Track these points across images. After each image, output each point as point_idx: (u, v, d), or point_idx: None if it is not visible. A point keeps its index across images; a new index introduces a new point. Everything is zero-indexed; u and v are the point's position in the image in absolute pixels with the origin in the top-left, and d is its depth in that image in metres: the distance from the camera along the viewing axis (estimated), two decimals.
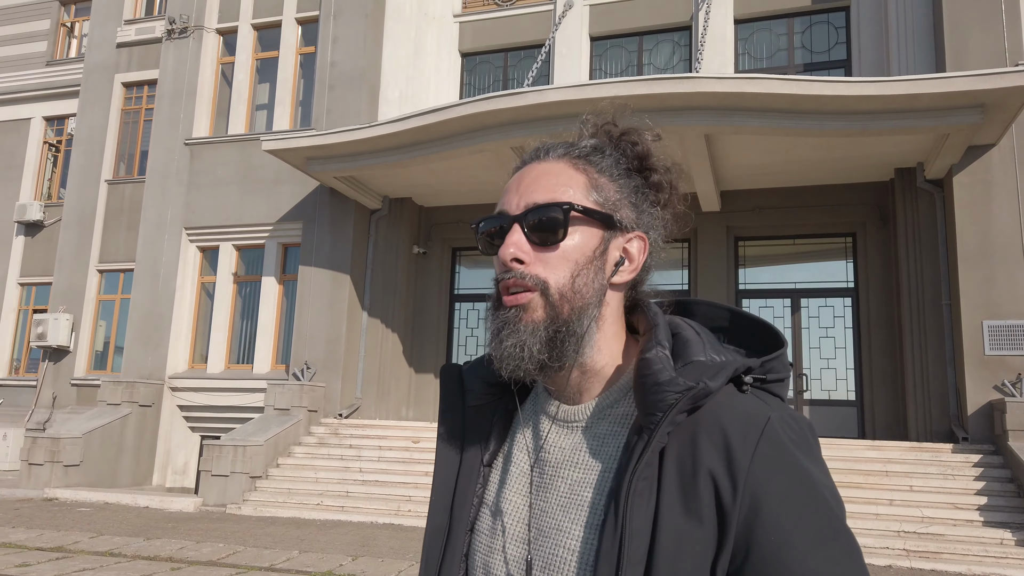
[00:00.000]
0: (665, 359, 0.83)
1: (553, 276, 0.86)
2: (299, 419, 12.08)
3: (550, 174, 0.90)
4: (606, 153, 0.92)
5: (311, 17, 14.49)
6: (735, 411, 0.81)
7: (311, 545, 8.19)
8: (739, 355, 0.87)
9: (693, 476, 0.78)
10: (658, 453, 0.80)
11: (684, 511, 0.77)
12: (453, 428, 0.98)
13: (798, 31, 13.39)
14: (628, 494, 0.78)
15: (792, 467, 0.78)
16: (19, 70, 18.70)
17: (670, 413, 0.79)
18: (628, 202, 0.91)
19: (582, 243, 0.87)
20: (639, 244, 0.91)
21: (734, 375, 0.83)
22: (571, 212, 0.86)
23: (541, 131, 10.49)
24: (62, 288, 15.69)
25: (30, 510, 10.28)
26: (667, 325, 0.89)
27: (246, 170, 14.12)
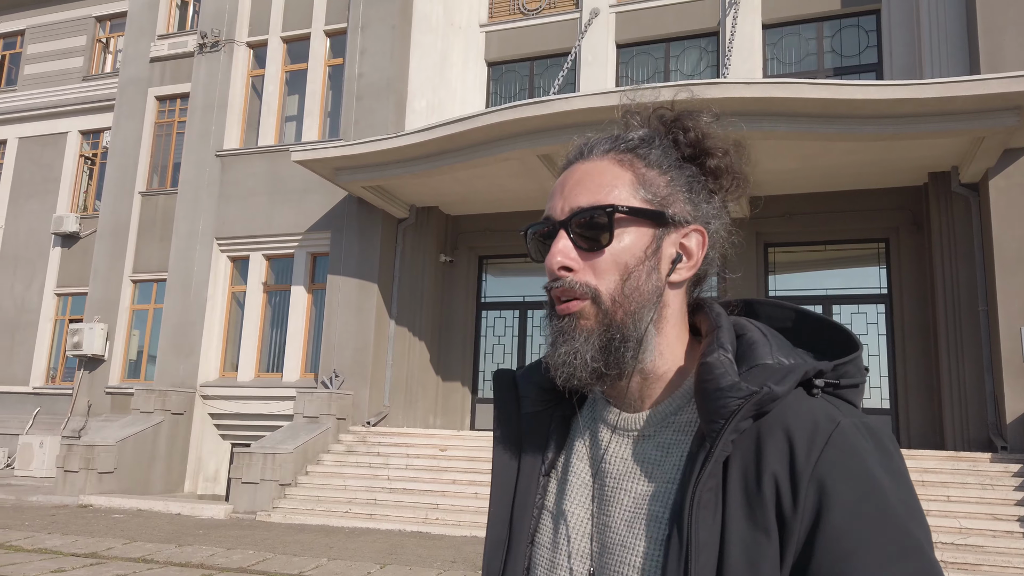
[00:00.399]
0: (727, 363, 0.78)
1: (603, 282, 0.82)
2: (328, 427, 12.15)
3: (593, 173, 0.85)
4: (655, 143, 0.87)
5: (339, 29, 14.66)
6: (802, 415, 0.75)
7: (340, 553, 8.21)
8: (809, 358, 0.81)
9: (757, 484, 0.74)
10: (723, 462, 0.76)
11: (750, 522, 0.73)
12: (509, 436, 0.94)
13: (827, 35, 13.24)
14: (692, 507, 0.74)
15: (861, 476, 0.72)
16: (57, 85, 19.17)
17: (732, 420, 0.75)
18: (681, 194, 0.86)
19: (632, 244, 0.83)
20: (697, 238, 0.85)
21: (804, 379, 0.77)
22: (615, 214, 0.82)
23: (567, 139, 10.35)
24: (97, 298, 15.99)
25: (65, 516, 10.45)
26: (731, 326, 0.85)
27: (276, 181, 14.29)
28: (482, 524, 9.83)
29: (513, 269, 14.41)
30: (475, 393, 14.03)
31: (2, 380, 17.95)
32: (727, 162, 0.88)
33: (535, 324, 14.00)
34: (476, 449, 11.57)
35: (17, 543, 8.22)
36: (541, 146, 10.73)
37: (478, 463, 11.18)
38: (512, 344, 14.05)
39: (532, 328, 14.01)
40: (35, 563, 7.23)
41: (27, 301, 18.14)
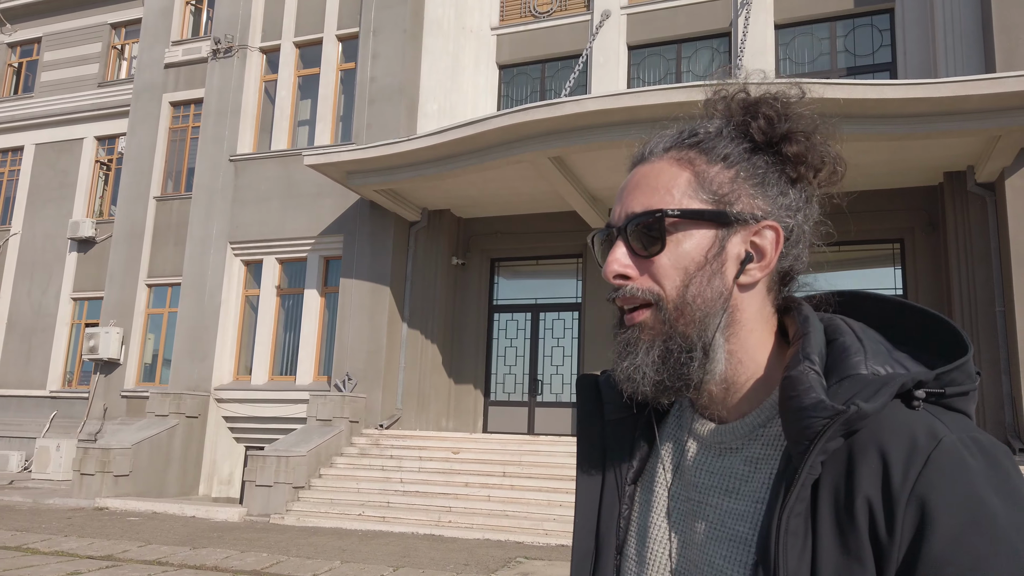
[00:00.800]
0: (812, 377, 0.72)
1: (665, 287, 0.78)
2: (341, 430, 12.18)
3: (650, 176, 0.81)
4: (723, 134, 0.82)
5: (351, 34, 14.73)
6: (898, 432, 0.69)
7: (353, 555, 8.23)
8: (911, 363, 0.74)
9: (849, 510, 0.68)
10: (812, 484, 0.70)
11: (842, 550, 0.67)
12: (592, 444, 0.90)
13: (841, 35, 13.16)
14: (779, 533, 0.69)
15: (967, 499, 0.65)
16: (73, 92, 19.36)
17: (819, 441, 0.69)
18: (750, 188, 0.79)
19: (691, 248, 0.78)
20: (771, 235, 0.79)
21: (900, 391, 0.70)
22: (666, 220, 0.78)
23: (579, 141, 10.47)
24: (113, 302, 16.13)
25: (81, 519, 10.54)
26: (820, 331, 0.78)
27: (288, 185, 14.37)
28: (495, 527, 9.82)
29: (525, 272, 14.40)
30: (487, 396, 14.03)
31: (20, 384, 18.13)
32: (807, 147, 0.81)
33: (547, 327, 13.99)
34: (489, 452, 11.56)
35: (34, 546, 8.29)
36: (553, 148, 10.72)
37: (490, 466, 11.18)
38: (524, 347, 14.04)
39: (544, 331, 13.99)
40: (52, 565, 7.29)
41: (44, 306, 18.32)
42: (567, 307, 13.87)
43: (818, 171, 0.82)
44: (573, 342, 13.70)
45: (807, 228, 0.83)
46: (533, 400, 13.74)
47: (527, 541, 9.46)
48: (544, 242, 13.80)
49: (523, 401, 13.81)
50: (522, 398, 13.84)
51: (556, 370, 13.77)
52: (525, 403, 13.78)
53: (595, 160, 11.08)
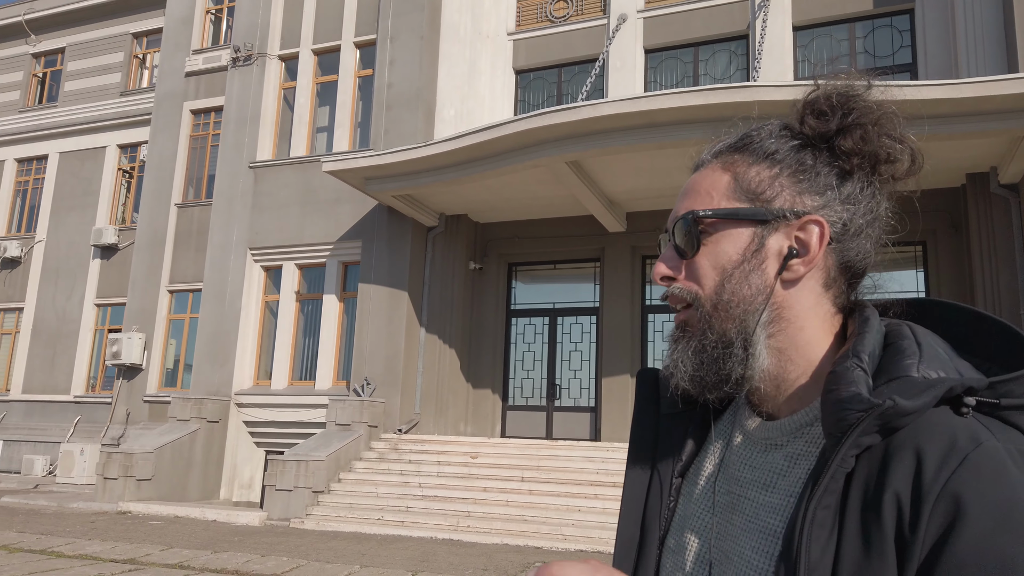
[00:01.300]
0: (856, 373, 0.71)
1: (702, 288, 0.80)
2: (360, 434, 12.23)
3: (697, 181, 0.84)
4: (772, 134, 0.83)
5: (368, 41, 14.83)
6: (939, 432, 0.67)
7: (372, 560, 8.25)
8: (969, 371, 0.72)
9: (877, 504, 0.67)
10: (843, 479, 0.70)
11: (865, 544, 0.67)
12: (645, 436, 0.92)
13: (860, 36, 13.06)
14: (804, 524, 0.69)
15: (1001, 501, 0.62)
16: (96, 101, 19.65)
17: (851, 434, 0.68)
18: (793, 184, 0.80)
19: (729, 247, 0.80)
20: (816, 230, 0.78)
21: (948, 395, 0.69)
22: (699, 221, 0.80)
23: (595, 145, 10.47)
24: (135, 308, 16.32)
25: (105, 523, 10.66)
26: (878, 332, 0.78)
27: (307, 191, 14.48)
28: (513, 532, 9.82)
29: (543, 276, 14.40)
30: (505, 400, 14.03)
31: (44, 389, 18.40)
32: (864, 139, 0.80)
33: (565, 331, 13.98)
34: (507, 456, 11.56)
35: (59, 549, 8.40)
36: (569, 153, 10.72)
37: (509, 470, 11.17)
38: (542, 351, 14.03)
39: (562, 335, 13.98)
40: (76, 568, 7.38)
41: (68, 312, 18.58)
42: (585, 311, 13.85)
43: (878, 163, 0.81)
44: (591, 346, 13.66)
45: (867, 221, 0.81)
46: (551, 405, 13.72)
47: (546, 546, 9.44)
48: (562, 246, 13.80)
49: (541, 406, 13.80)
50: (540, 403, 13.83)
51: (574, 374, 13.74)
52: (543, 408, 13.77)
53: (612, 164, 11.08)
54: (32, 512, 11.61)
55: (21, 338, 18.99)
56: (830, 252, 0.80)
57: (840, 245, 0.80)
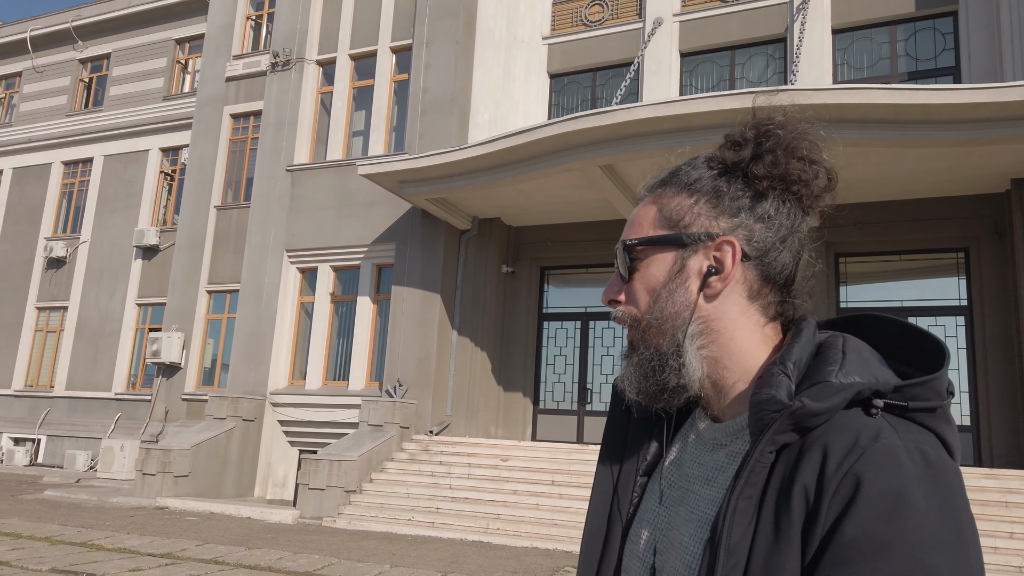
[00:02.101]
0: (778, 379, 0.80)
1: (637, 307, 0.90)
2: (392, 435, 12.33)
3: (633, 215, 0.94)
4: (696, 166, 0.92)
5: (404, 46, 14.98)
6: (845, 431, 0.75)
7: (402, 560, 8.31)
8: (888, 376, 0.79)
9: (787, 495, 0.75)
10: (764, 472, 0.78)
11: (776, 531, 0.74)
12: (615, 439, 1.01)
13: (901, 39, 12.83)
14: (727, 512, 0.77)
15: (888, 492, 0.70)
16: (139, 105, 20.14)
17: (767, 433, 0.77)
18: (709, 209, 0.88)
19: (656, 270, 0.89)
20: (729, 249, 0.86)
21: (858, 398, 0.77)
22: (630, 249, 0.91)
23: (629, 149, 10.43)
24: (175, 308, 16.66)
25: (143, 517, 10.89)
26: (811, 342, 0.84)
27: (343, 194, 14.65)
28: (543, 536, 9.81)
29: (575, 280, 14.38)
30: (536, 404, 14.03)
31: (87, 386, 18.86)
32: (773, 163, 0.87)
33: (597, 335, 13.93)
34: (537, 460, 11.55)
35: (98, 542, 8.60)
36: (603, 157, 10.70)
37: (539, 474, 11.16)
38: (574, 355, 14.00)
39: (594, 339, 13.94)
40: (115, 561, 7.55)
41: (111, 311, 19.04)
42: None
43: (790, 184, 0.87)
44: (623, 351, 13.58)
45: (781, 237, 0.88)
46: (582, 409, 13.68)
47: (575, 550, 9.41)
48: (594, 250, 13.76)
49: (572, 410, 13.77)
50: (571, 407, 13.80)
51: (606, 379, 13.69)
52: (574, 412, 13.74)
53: (646, 168, 10.89)
54: (74, 506, 11.91)
55: (65, 336, 19.51)
56: (749, 267, 0.88)
57: (758, 260, 0.87)
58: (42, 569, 7.03)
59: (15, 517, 10.18)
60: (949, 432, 0.78)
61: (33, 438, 19.09)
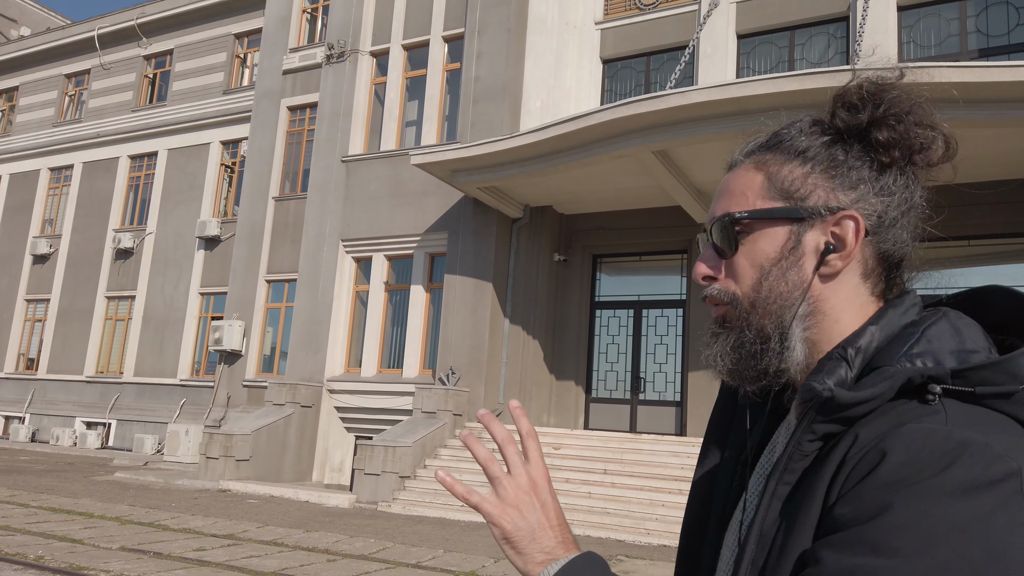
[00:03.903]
0: (832, 363, 0.75)
1: (741, 286, 0.83)
2: (445, 422, 12.45)
3: (730, 183, 0.86)
4: (803, 131, 0.83)
5: (456, 35, 14.99)
6: (888, 418, 0.69)
7: (455, 545, 8.39)
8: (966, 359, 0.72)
9: (815, 484, 0.71)
10: (805, 461, 0.74)
11: (793, 516, 0.72)
12: (720, 423, 0.97)
13: (971, 14, 12.27)
14: (765, 495, 0.75)
15: (906, 466, 0.64)
16: (200, 100, 20.68)
17: (803, 421, 0.73)
18: (826, 181, 0.80)
19: (766, 245, 0.81)
20: (851, 224, 0.79)
21: (909, 386, 0.70)
22: (736, 223, 0.82)
23: (684, 134, 10.25)
24: (235, 297, 17.11)
25: (207, 500, 11.25)
26: (891, 322, 0.78)
27: (396, 184, 14.80)
28: (595, 524, 9.78)
29: (628, 268, 14.24)
30: (589, 392, 13.97)
31: (154, 373, 19.57)
32: (899, 130, 0.79)
33: (650, 324, 13.78)
34: (590, 449, 11.51)
35: (165, 523, 8.93)
36: (657, 142, 10.54)
37: (591, 462, 11.13)
38: (626, 344, 13.88)
39: (647, 328, 13.79)
40: (180, 541, 7.83)
41: (175, 300, 19.68)
42: (671, 304, 13.61)
43: (914, 153, 0.80)
44: (677, 340, 13.43)
45: (902, 212, 0.81)
46: (635, 398, 13.57)
47: (628, 540, 9.36)
48: (647, 238, 13.59)
49: (625, 399, 13.67)
50: (624, 395, 13.70)
51: (659, 368, 13.54)
52: (627, 401, 13.63)
53: (701, 153, 10.81)
54: (142, 487, 12.38)
55: (133, 325, 20.25)
56: (867, 244, 0.80)
57: (876, 237, 0.80)
58: (112, 547, 7.33)
59: (88, 497, 10.64)
60: None
61: (104, 422, 19.91)
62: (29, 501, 9.90)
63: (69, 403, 20.71)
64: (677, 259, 13.64)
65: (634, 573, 7.46)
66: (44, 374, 21.53)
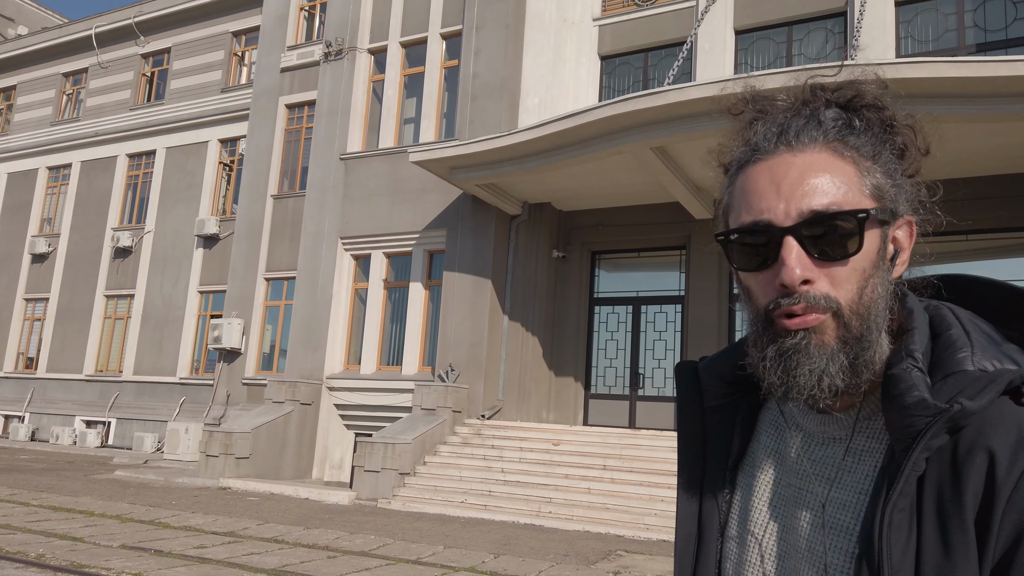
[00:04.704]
0: (914, 376, 0.72)
1: (844, 293, 0.74)
2: (444, 419, 12.46)
3: (816, 169, 0.75)
4: (856, 126, 0.78)
5: (454, 32, 14.98)
6: (1005, 428, 0.68)
7: (455, 541, 8.41)
8: (1021, 356, 0.72)
9: (955, 504, 0.68)
10: (915, 481, 0.70)
11: (946, 545, 0.68)
12: (693, 431, 0.91)
13: (969, 9, 12.27)
14: (883, 527, 0.70)
15: None
16: (198, 98, 20.66)
17: (922, 440, 0.69)
18: (892, 182, 0.77)
19: (868, 249, 0.75)
20: (907, 229, 0.78)
21: (1008, 388, 0.69)
22: (866, 220, 0.74)
23: (682, 130, 10.25)
24: (234, 295, 17.12)
25: (207, 497, 11.26)
26: (926, 324, 0.77)
27: (395, 181, 14.80)
28: (594, 520, 9.80)
29: (627, 264, 14.25)
30: (588, 389, 13.99)
31: (153, 371, 19.57)
32: (911, 136, 0.80)
33: (649, 320, 13.80)
34: (589, 444, 11.53)
35: (165, 520, 8.94)
36: (655, 138, 10.54)
37: (591, 458, 11.15)
38: (625, 340, 13.90)
39: (646, 324, 13.80)
40: (180, 539, 7.84)
41: (174, 298, 19.68)
42: (669, 300, 13.63)
43: (916, 160, 0.80)
44: (676, 335, 13.44)
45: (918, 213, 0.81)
46: (634, 393, 13.59)
47: (627, 535, 9.38)
48: (646, 234, 13.60)
49: (624, 394, 13.69)
50: (623, 391, 13.72)
51: (658, 364, 13.56)
52: (626, 396, 13.65)
53: (699, 149, 10.81)
54: (142, 485, 12.40)
55: (132, 323, 20.25)
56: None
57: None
58: (113, 545, 7.35)
59: (88, 496, 10.65)
60: None
61: (104, 421, 19.92)
62: (29, 500, 9.92)
63: (68, 402, 20.72)
64: (676, 255, 13.65)
65: (633, 568, 7.48)
66: (43, 373, 21.53)
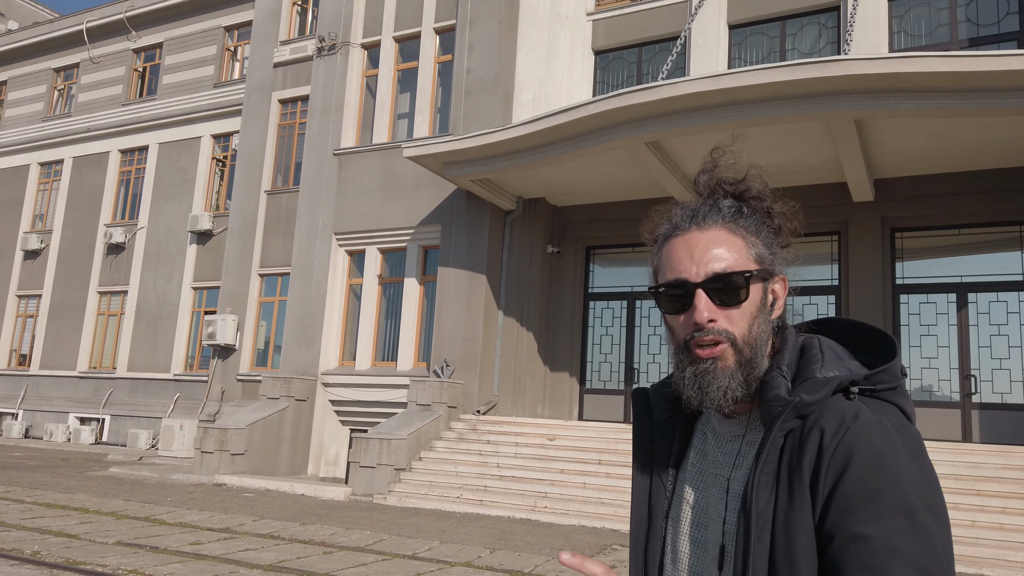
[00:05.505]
0: (778, 380, 1.02)
1: (738, 328, 1.04)
2: (440, 415, 12.48)
3: (716, 242, 1.06)
4: (744, 212, 1.09)
5: (448, 26, 14.95)
6: (834, 413, 0.98)
7: (451, 536, 8.44)
8: (856, 368, 1.03)
9: (798, 466, 0.98)
10: (777, 452, 1.00)
11: (791, 495, 0.97)
12: (644, 439, 1.22)
13: (962, 4, 12.30)
14: (752, 487, 1.00)
15: (871, 454, 0.93)
16: (191, 93, 20.57)
17: (777, 422, 1.00)
18: (769, 251, 1.08)
19: (754, 297, 1.05)
20: (782, 284, 1.10)
21: (840, 388, 1.00)
22: (751, 278, 1.04)
23: (676, 125, 10.26)
24: (228, 292, 17.08)
25: (202, 494, 11.26)
26: (795, 347, 1.08)
27: (389, 177, 14.77)
28: (589, 514, 9.84)
29: (621, 259, 14.27)
30: (583, 384, 14.02)
31: (147, 368, 19.53)
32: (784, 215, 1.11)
33: (643, 315, 13.83)
34: (584, 439, 11.56)
35: (160, 517, 8.94)
36: (649, 133, 10.55)
37: (586, 453, 11.18)
38: (620, 335, 13.93)
39: (640, 319, 13.84)
40: (176, 536, 7.84)
41: (168, 295, 19.62)
42: None
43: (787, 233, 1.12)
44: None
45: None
46: (629, 388, 13.63)
47: (623, 529, 9.42)
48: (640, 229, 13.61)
49: (619, 389, 13.72)
50: (618, 386, 13.75)
51: (653, 359, 13.59)
52: (621, 391, 13.69)
53: (693, 144, 10.84)
54: (137, 482, 12.38)
55: (126, 319, 20.19)
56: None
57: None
58: (108, 542, 7.35)
59: (83, 493, 10.64)
60: (907, 404, 1.02)
61: (98, 417, 19.88)
62: (24, 497, 9.90)
63: (62, 399, 20.66)
64: None
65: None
66: (37, 370, 21.47)
